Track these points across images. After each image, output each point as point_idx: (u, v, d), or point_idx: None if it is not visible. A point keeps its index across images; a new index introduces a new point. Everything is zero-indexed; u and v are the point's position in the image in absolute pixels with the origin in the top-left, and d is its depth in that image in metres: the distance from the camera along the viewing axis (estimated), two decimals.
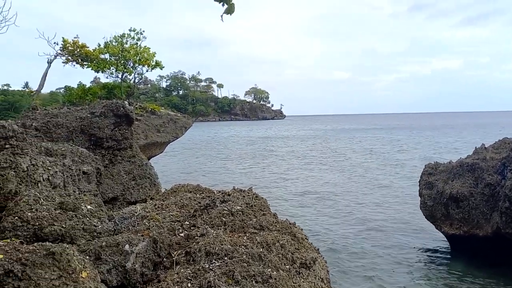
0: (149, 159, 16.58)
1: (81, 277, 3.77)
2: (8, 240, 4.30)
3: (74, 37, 22.62)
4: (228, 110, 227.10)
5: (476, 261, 13.07)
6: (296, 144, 68.07)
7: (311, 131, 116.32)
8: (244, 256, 4.79)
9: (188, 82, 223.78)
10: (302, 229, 6.62)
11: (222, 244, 4.95)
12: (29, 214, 5.06)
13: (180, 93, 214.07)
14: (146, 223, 5.89)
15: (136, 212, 6.46)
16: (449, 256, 14.19)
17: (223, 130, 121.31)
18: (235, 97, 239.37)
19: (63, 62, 22.79)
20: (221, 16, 3.39)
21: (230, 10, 3.38)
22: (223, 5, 3.35)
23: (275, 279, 4.58)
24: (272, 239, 5.41)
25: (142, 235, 5.03)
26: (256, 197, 6.93)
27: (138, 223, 5.99)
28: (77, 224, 5.16)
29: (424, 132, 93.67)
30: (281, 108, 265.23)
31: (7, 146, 6.68)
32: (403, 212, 20.14)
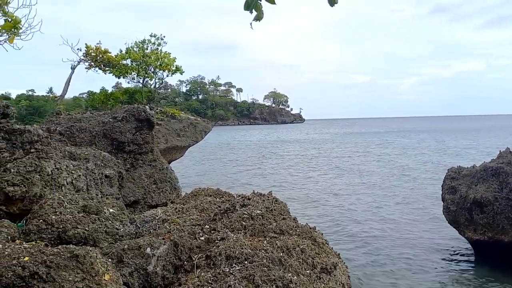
0: (169, 163, 16.72)
1: (104, 279, 3.83)
2: (33, 243, 4.40)
3: (97, 43, 23.10)
4: (247, 114, 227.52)
5: (501, 268, 12.74)
6: (314, 147, 67.77)
7: (328, 135, 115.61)
8: (265, 261, 4.79)
9: (207, 86, 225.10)
10: (322, 234, 6.58)
11: (242, 248, 4.96)
12: (54, 217, 5.16)
13: (200, 98, 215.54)
14: (167, 227, 5.94)
15: (157, 216, 6.52)
16: (473, 262, 13.88)
17: (242, 134, 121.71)
18: (254, 101, 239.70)
19: (86, 68, 23.25)
20: (251, 23, 3.40)
21: (259, 17, 3.38)
22: (251, 12, 3.35)
23: (296, 284, 4.56)
24: (292, 244, 5.39)
25: (163, 239, 5.07)
26: (276, 201, 6.92)
27: (159, 227, 6.05)
28: (99, 227, 5.25)
29: (447, 135, 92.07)
30: (300, 112, 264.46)
31: (32, 150, 6.85)
32: (425, 217, 19.80)
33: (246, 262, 4.76)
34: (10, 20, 8.45)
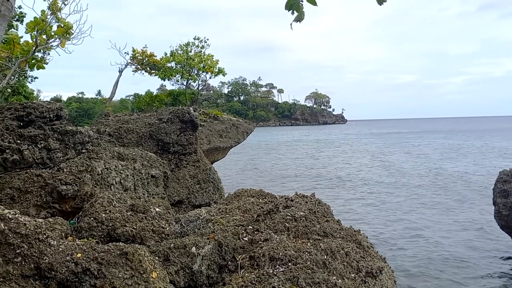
0: (211, 164, 16.93)
1: (152, 277, 3.92)
2: (85, 240, 4.58)
3: (143, 47, 23.75)
4: (288, 115, 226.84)
5: None
6: (356, 148, 66.61)
7: (370, 135, 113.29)
8: (309, 263, 4.75)
9: (249, 87, 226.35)
10: (367, 237, 6.45)
11: (286, 250, 4.94)
12: (103, 215, 5.35)
13: (241, 99, 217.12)
14: (211, 227, 6.01)
15: (201, 216, 6.62)
16: None
17: (282, 134, 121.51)
18: (296, 102, 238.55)
19: (132, 71, 23.99)
20: (291, 24, 3.40)
21: (300, 18, 3.38)
22: (292, 13, 3.36)
23: (340, 287, 4.49)
24: (336, 246, 5.31)
25: (208, 238, 5.14)
26: (319, 203, 6.84)
27: (203, 226, 6.14)
28: (146, 226, 5.39)
29: (495, 137, 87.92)
30: (342, 112, 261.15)
31: (83, 150, 7.13)
32: (475, 222, 19.00)
33: (290, 264, 4.74)
34: (62, 25, 8.86)
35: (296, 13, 3.39)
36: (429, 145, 70.22)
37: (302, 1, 3.35)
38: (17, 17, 14.32)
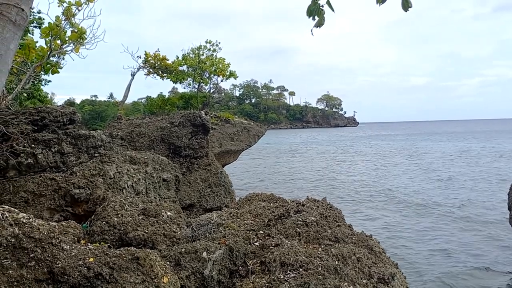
0: (223, 167, 16.95)
1: (163, 282, 3.94)
2: (97, 244, 4.62)
3: (155, 51, 23.89)
4: (300, 117, 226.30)
5: None
6: (367, 149, 66.19)
7: (382, 138, 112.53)
8: (320, 269, 4.72)
9: (260, 90, 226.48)
10: (379, 242, 6.39)
11: (297, 255, 4.92)
12: (115, 219, 5.39)
13: (253, 101, 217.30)
14: (222, 231, 6.02)
15: (212, 220, 6.63)
16: None
17: (293, 136, 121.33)
18: (307, 104, 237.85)
19: (145, 74, 24.11)
20: (311, 30, 3.41)
21: (320, 23, 3.39)
22: (313, 19, 3.36)
23: None
24: (348, 252, 5.27)
25: (219, 243, 5.14)
26: (331, 207, 6.81)
27: (214, 231, 6.15)
28: (158, 230, 5.41)
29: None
30: (354, 115, 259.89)
31: (96, 154, 7.20)
32: (490, 227, 18.72)
33: (301, 269, 4.72)
34: (76, 31, 8.97)
35: (316, 19, 3.39)
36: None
37: (322, 6, 3.36)
38: (35, 22, 14.56)
